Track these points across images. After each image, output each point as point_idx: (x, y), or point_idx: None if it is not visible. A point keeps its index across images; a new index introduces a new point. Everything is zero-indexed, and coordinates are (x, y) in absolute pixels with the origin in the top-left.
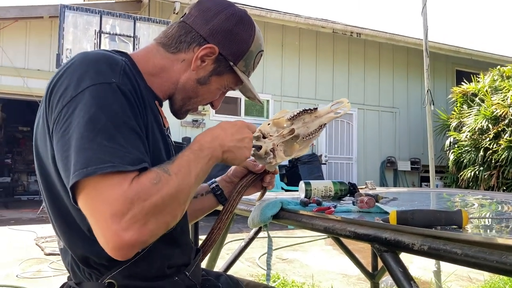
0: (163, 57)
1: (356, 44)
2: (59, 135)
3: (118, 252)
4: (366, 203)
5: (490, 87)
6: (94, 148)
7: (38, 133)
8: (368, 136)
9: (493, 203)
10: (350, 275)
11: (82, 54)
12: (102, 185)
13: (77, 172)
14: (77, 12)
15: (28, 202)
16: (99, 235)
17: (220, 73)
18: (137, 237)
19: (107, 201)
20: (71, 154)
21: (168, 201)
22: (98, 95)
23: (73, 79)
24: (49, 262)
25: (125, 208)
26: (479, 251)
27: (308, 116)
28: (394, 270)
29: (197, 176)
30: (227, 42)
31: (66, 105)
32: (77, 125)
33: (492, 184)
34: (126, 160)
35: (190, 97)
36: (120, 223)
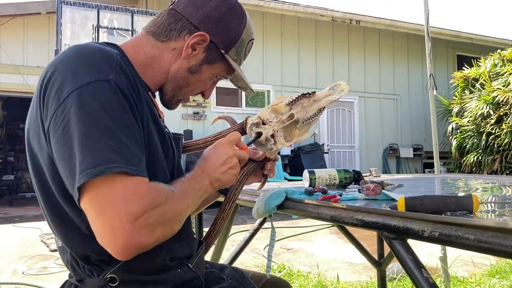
0: (153, 46)
1: (356, 31)
2: (59, 133)
3: (125, 251)
4: (372, 190)
5: (491, 71)
6: (101, 147)
7: (31, 130)
8: (370, 124)
9: (500, 187)
10: (355, 263)
11: (75, 47)
12: (115, 184)
13: (85, 172)
14: (74, 7)
15: (32, 199)
16: (106, 233)
17: (212, 62)
18: (145, 240)
19: (122, 200)
20: (75, 153)
21: (172, 214)
22: (98, 93)
23: (69, 74)
24: (54, 258)
25: (141, 210)
26: (493, 236)
27: (307, 100)
28: (404, 257)
29: (194, 200)
30: (218, 29)
31: (63, 102)
32: (80, 124)
33: (495, 168)
34: (131, 161)
35: (181, 86)
36: (133, 224)
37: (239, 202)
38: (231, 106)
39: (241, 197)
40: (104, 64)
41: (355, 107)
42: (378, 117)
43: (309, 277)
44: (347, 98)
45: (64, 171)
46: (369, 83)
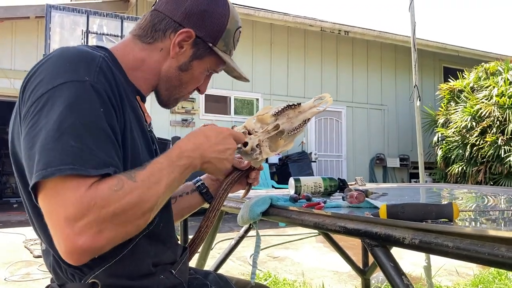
0: (141, 48)
1: (344, 42)
2: (26, 130)
3: (70, 256)
4: (356, 198)
5: (475, 84)
6: (58, 148)
7: (15, 131)
8: (357, 134)
9: (482, 196)
10: (341, 272)
11: (60, 49)
12: (60, 187)
13: (38, 173)
14: (64, 12)
15: (16, 204)
16: (53, 236)
17: (201, 57)
18: (90, 243)
19: (62, 203)
20: (35, 152)
21: (129, 210)
22: (69, 94)
23: (47, 75)
24: (38, 264)
25: (79, 213)
26: (471, 243)
27: (292, 111)
28: (385, 264)
29: (168, 186)
30: (203, 23)
31: (36, 100)
32: (45, 123)
33: (480, 179)
34: (90, 163)
35: (175, 85)
36: (73, 228)
37: (224, 209)
38: (219, 113)
39: (227, 203)
40: (82, 65)
41: (343, 117)
42: (366, 127)
43: (295, 285)
44: (335, 108)
45: (26, 169)
46: (357, 93)
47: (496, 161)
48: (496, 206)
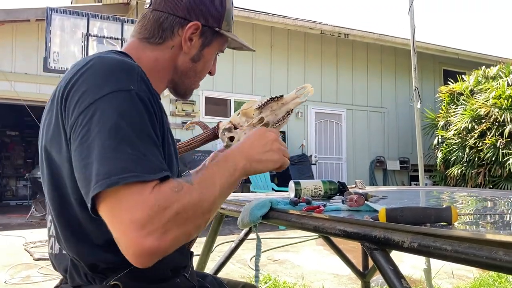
0: (152, 49)
1: (344, 45)
2: (77, 142)
3: (138, 259)
4: (355, 202)
5: (475, 87)
6: (117, 157)
7: (50, 138)
8: (357, 136)
9: (481, 199)
10: (341, 275)
11: (98, 58)
12: (123, 193)
13: (100, 182)
14: (64, 15)
15: (16, 207)
16: (120, 242)
17: (210, 43)
18: (158, 245)
19: (127, 209)
20: (91, 162)
21: (190, 210)
22: (118, 103)
23: (91, 85)
24: (38, 267)
25: (145, 216)
26: (469, 247)
27: (275, 104)
28: (384, 268)
29: (223, 187)
30: (205, 11)
31: (83, 111)
32: (98, 133)
33: (479, 181)
34: (147, 169)
35: (190, 77)
36: (139, 231)
37: (224, 212)
38: (219, 116)
39: (227, 207)
40: (125, 75)
41: (343, 119)
42: (366, 130)
43: None
44: (335, 111)
45: (80, 180)
46: (357, 96)
47: (496, 163)
48: (495, 209)
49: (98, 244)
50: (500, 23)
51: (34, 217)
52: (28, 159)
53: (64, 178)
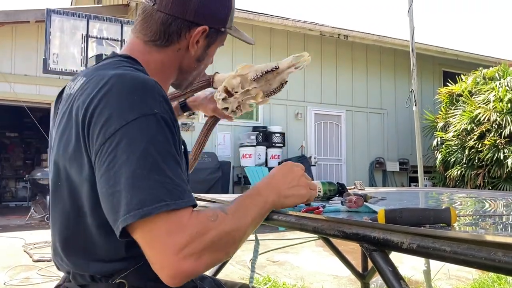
0: (158, 52)
1: (344, 46)
2: (103, 168)
3: (172, 280)
4: (354, 203)
5: (474, 88)
6: (147, 186)
7: (69, 158)
8: (357, 138)
9: (480, 200)
10: (341, 276)
11: (118, 78)
12: (159, 220)
13: (133, 213)
14: (64, 17)
15: (16, 208)
16: (155, 262)
17: (214, 41)
18: (193, 268)
19: (166, 233)
20: (119, 190)
21: (224, 239)
22: (145, 128)
23: (115, 109)
24: (37, 268)
25: (184, 240)
26: (468, 248)
27: (271, 74)
28: (383, 269)
29: (254, 219)
30: (213, 14)
31: (109, 137)
32: (126, 161)
33: (478, 183)
34: (177, 195)
35: (195, 74)
36: (178, 255)
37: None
38: None
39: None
40: (149, 96)
41: (343, 121)
42: (365, 131)
43: None
44: (335, 112)
45: (107, 206)
46: (357, 97)
47: (495, 164)
48: (494, 211)
49: (106, 258)
50: (500, 24)
51: (34, 218)
52: (27, 161)
53: (82, 197)
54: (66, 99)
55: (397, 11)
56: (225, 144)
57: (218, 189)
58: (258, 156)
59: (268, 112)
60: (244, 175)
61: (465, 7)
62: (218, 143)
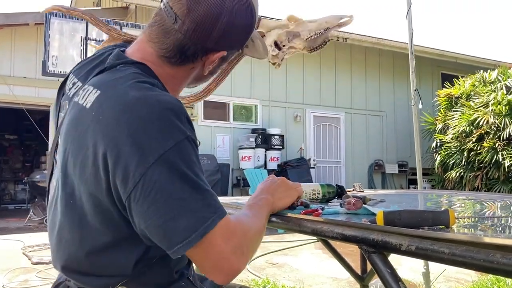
0: (170, 68)
1: (343, 48)
2: (149, 200)
3: (229, 277)
4: (353, 205)
5: (472, 91)
6: (196, 207)
7: (87, 173)
8: (356, 140)
9: (478, 203)
10: (340, 279)
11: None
12: (215, 233)
13: (193, 236)
14: (63, 19)
15: (15, 211)
16: (213, 269)
17: (229, 59)
18: (244, 264)
19: (224, 241)
20: (174, 218)
21: (257, 236)
22: (182, 154)
23: (148, 139)
24: (36, 271)
25: (238, 243)
26: (466, 250)
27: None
28: (382, 271)
29: (267, 216)
30: (234, 41)
31: (150, 167)
32: (173, 190)
33: (477, 185)
34: (217, 206)
35: (203, 82)
36: (233, 256)
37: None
38: (218, 119)
39: (226, 210)
40: (177, 121)
41: (342, 123)
42: (364, 133)
43: None
44: (334, 114)
45: (159, 234)
46: (355, 100)
47: (493, 167)
48: (493, 213)
49: (111, 274)
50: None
51: (33, 221)
52: (26, 163)
53: (96, 218)
54: (76, 108)
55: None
56: (224, 146)
57: (217, 191)
58: (257, 158)
59: (267, 114)
60: (243, 177)
61: (464, 9)
62: (217, 145)
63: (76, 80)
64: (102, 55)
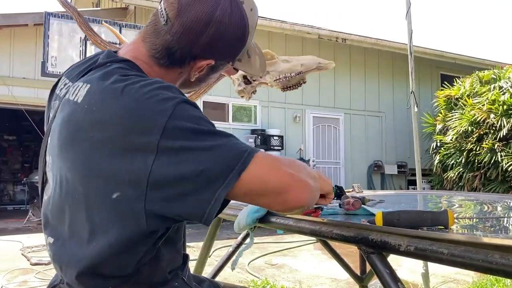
0: (159, 69)
1: (342, 49)
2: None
3: (303, 192)
4: (352, 205)
5: (471, 91)
6: (225, 149)
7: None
8: (355, 141)
9: (478, 203)
10: (339, 279)
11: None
12: (258, 161)
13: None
14: (62, 20)
15: (14, 211)
16: (281, 189)
17: (218, 70)
18: (306, 178)
19: (268, 164)
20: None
21: (306, 168)
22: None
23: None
24: (35, 272)
25: (282, 162)
26: (465, 250)
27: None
28: (381, 271)
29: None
30: (223, 51)
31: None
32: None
33: (475, 185)
34: (247, 145)
35: (190, 89)
36: (289, 168)
37: (222, 216)
38: (217, 120)
39: (224, 211)
40: (168, 92)
41: (341, 124)
42: (363, 134)
43: None
44: (333, 115)
45: (194, 187)
46: (355, 100)
47: (492, 167)
48: (492, 213)
49: (110, 275)
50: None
51: (32, 221)
52: (25, 164)
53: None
54: (68, 105)
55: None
56: None
57: None
58: None
59: (267, 115)
60: None
61: (463, 10)
62: None
63: (67, 81)
64: (94, 57)
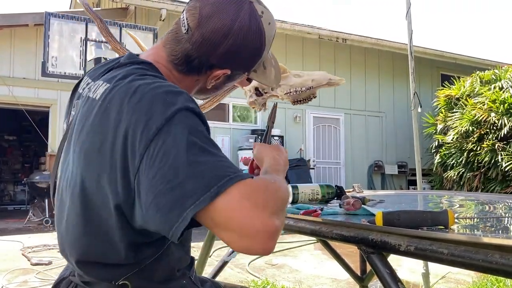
0: (178, 74)
1: (342, 49)
2: (155, 167)
3: (270, 241)
4: (352, 205)
5: (471, 91)
6: (207, 168)
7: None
8: (355, 141)
9: (478, 203)
10: (339, 280)
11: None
12: (232, 192)
13: (205, 196)
14: (63, 20)
15: (14, 212)
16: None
17: (234, 79)
18: (280, 223)
19: (246, 198)
20: (183, 182)
21: (283, 197)
22: (184, 121)
23: (152, 112)
24: (35, 272)
25: (263, 199)
26: (465, 250)
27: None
28: (381, 271)
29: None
30: (240, 62)
31: (153, 139)
32: (177, 154)
33: (475, 184)
34: (235, 169)
35: (205, 96)
36: (264, 212)
37: None
38: (218, 120)
39: None
40: (179, 97)
41: (341, 124)
42: (364, 134)
43: None
44: (333, 115)
45: (168, 201)
46: (355, 100)
47: (493, 167)
48: (492, 213)
49: (115, 264)
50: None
51: (32, 222)
52: (26, 164)
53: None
54: (87, 102)
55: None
56: (224, 147)
57: None
58: None
59: (267, 115)
60: None
61: (463, 10)
62: None
63: (90, 80)
64: (117, 59)
